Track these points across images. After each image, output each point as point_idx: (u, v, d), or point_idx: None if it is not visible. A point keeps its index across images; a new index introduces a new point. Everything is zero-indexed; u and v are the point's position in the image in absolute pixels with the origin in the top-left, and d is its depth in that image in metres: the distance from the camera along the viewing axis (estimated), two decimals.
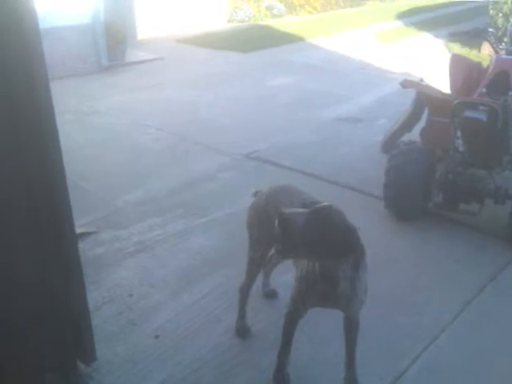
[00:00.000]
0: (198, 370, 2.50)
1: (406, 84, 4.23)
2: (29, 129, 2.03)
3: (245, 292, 2.67)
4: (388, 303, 2.95)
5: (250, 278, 2.62)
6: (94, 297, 2.94)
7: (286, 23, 12.90)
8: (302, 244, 1.86)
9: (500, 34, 7.35)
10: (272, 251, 2.74)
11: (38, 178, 2.09)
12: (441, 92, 4.15)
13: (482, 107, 3.41)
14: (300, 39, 11.04)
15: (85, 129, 5.87)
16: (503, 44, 4.44)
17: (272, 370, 2.37)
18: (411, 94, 4.66)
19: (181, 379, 2.46)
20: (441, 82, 4.72)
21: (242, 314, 2.70)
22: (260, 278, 2.94)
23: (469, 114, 3.43)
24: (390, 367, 2.50)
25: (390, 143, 4.59)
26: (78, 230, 3.26)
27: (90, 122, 6.14)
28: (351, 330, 2.25)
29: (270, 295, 2.96)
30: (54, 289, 2.26)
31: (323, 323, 2.59)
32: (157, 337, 2.71)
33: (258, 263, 2.56)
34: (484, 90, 3.99)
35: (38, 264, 2.18)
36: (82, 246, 3.35)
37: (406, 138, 4.43)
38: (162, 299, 3.01)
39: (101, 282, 3.15)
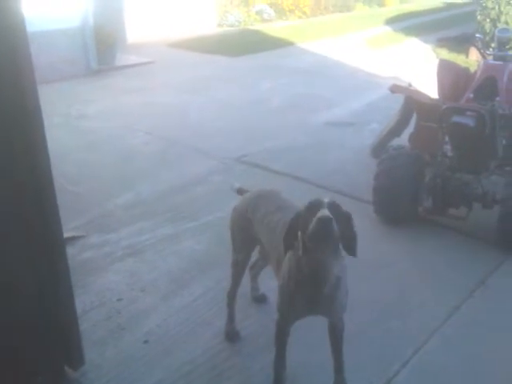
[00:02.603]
0: (189, 374, 2.49)
1: (395, 89, 4.25)
2: (16, 132, 2.02)
3: (232, 295, 2.67)
4: (378, 307, 2.96)
5: (235, 280, 2.63)
6: (82, 301, 2.92)
7: (276, 28, 12.95)
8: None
9: (487, 39, 7.43)
10: (258, 255, 2.76)
11: (25, 182, 2.07)
12: (429, 97, 4.17)
13: (469, 112, 3.44)
14: (290, 44, 11.08)
15: (74, 132, 5.85)
16: (491, 49, 4.47)
17: (263, 374, 2.37)
18: (401, 98, 4.69)
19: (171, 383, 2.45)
20: (429, 87, 4.76)
21: (230, 318, 2.70)
22: (249, 282, 2.95)
23: (456, 119, 3.46)
24: (380, 371, 2.50)
25: (380, 148, 4.62)
26: (67, 234, 3.25)
27: (79, 125, 6.11)
28: (336, 336, 2.25)
29: (260, 300, 2.95)
30: (42, 294, 2.24)
31: (314, 328, 2.58)
32: (146, 342, 2.69)
33: (242, 266, 2.60)
34: (471, 95, 4.03)
35: (25, 269, 2.17)
36: (71, 250, 3.33)
37: (396, 142, 4.46)
38: (152, 303, 2.99)
39: (89, 286, 3.13)
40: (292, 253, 2.04)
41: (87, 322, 2.79)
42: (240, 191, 2.68)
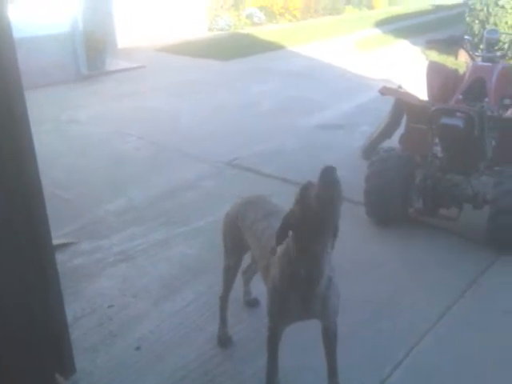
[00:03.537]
0: (181, 380, 2.48)
1: (385, 91, 4.27)
2: (3, 138, 2.00)
3: (224, 300, 2.67)
4: (370, 308, 2.96)
5: (227, 285, 2.64)
6: (73, 308, 2.90)
7: (267, 31, 12.97)
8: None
9: (476, 40, 7.48)
10: (250, 260, 2.75)
11: (13, 188, 2.05)
12: (418, 99, 4.20)
13: (458, 114, 3.46)
14: (281, 47, 11.10)
15: (64, 138, 5.82)
16: (479, 51, 4.50)
17: (255, 379, 2.36)
18: (391, 100, 4.71)
19: None
20: (419, 89, 4.78)
21: (223, 323, 2.70)
22: (242, 287, 2.94)
23: (446, 120, 3.48)
24: (373, 373, 2.50)
25: (371, 150, 4.63)
26: (57, 241, 3.23)
27: (69, 130, 6.08)
28: (330, 340, 2.24)
29: (252, 304, 2.95)
30: (31, 301, 2.22)
31: (306, 331, 2.57)
32: (138, 348, 2.67)
33: (233, 271, 2.60)
34: (461, 96, 4.05)
35: (13, 276, 2.14)
36: (62, 257, 3.31)
37: (386, 144, 4.48)
38: (144, 309, 2.98)
39: (81, 293, 3.11)
40: (282, 254, 2.03)
41: (78, 330, 2.77)
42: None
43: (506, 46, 5.12)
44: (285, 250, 2.01)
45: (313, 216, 1.84)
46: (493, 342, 2.74)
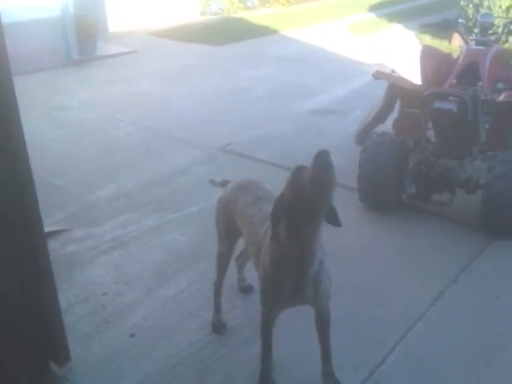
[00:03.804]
0: (176, 367, 2.48)
1: (378, 75, 4.24)
2: None
3: (218, 286, 2.67)
4: (363, 294, 2.97)
5: (220, 272, 2.64)
6: (66, 296, 2.89)
7: (260, 16, 12.83)
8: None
9: (470, 24, 7.42)
10: (243, 246, 2.74)
11: (2, 175, 2.03)
12: (412, 83, 4.18)
13: (452, 98, 3.45)
14: (274, 32, 10.99)
15: (55, 124, 5.76)
16: (473, 35, 4.48)
17: (250, 365, 2.36)
18: (385, 85, 4.68)
19: (158, 377, 2.44)
20: (412, 73, 4.75)
21: (217, 309, 2.70)
22: (236, 273, 2.94)
23: (439, 104, 3.47)
24: (366, 358, 2.51)
25: (364, 134, 4.61)
26: (50, 229, 3.21)
27: (61, 116, 6.01)
28: (323, 325, 2.25)
29: (246, 290, 2.95)
30: (24, 290, 2.20)
31: (300, 318, 2.58)
32: (132, 335, 2.67)
33: (226, 257, 2.60)
34: (454, 80, 4.03)
35: (5, 264, 2.13)
36: (54, 244, 3.29)
37: (380, 129, 4.46)
38: (137, 296, 2.97)
39: (74, 280, 3.10)
40: (273, 241, 2.02)
41: (72, 317, 2.76)
42: (224, 183, 2.66)
43: (499, 29, 5.09)
44: (277, 237, 1.99)
45: (305, 200, 1.84)
46: (485, 326, 2.76)
